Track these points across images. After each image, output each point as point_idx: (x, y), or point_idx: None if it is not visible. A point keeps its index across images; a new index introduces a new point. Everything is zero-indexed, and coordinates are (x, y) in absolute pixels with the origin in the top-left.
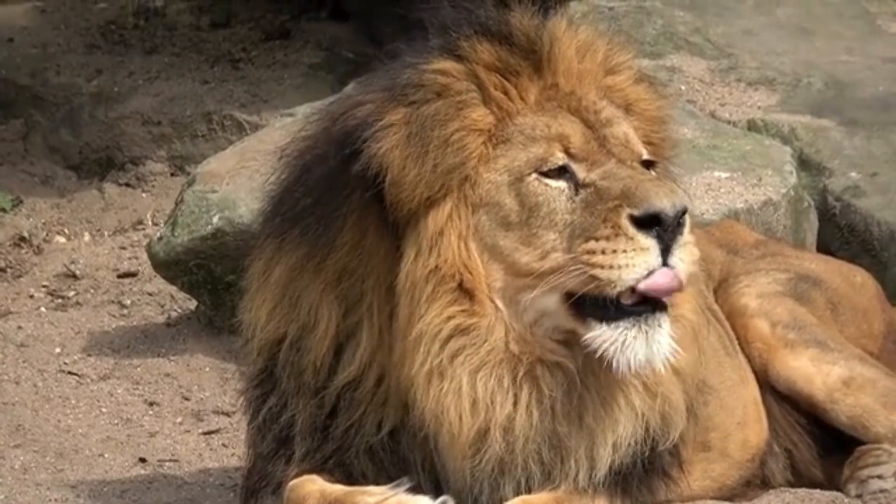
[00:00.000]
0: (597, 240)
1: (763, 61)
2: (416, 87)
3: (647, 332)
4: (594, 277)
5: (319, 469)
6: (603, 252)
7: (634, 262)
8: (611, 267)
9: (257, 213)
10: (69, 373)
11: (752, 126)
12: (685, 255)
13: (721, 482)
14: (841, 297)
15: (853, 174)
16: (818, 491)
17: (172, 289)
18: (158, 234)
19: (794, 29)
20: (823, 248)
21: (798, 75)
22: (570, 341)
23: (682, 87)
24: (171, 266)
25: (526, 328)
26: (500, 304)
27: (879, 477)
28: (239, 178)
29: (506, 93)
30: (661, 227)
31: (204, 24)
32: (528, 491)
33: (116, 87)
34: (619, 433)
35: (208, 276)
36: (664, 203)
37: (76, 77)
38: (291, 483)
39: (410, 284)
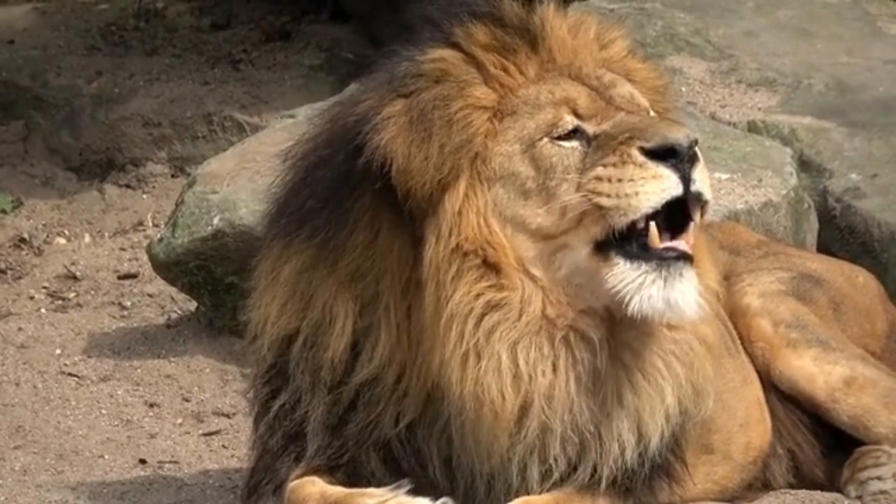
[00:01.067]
0: (604, 167)
1: (763, 63)
2: (414, 76)
3: (666, 278)
4: (598, 206)
5: (330, 466)
6: (609, 180)
7: (646, 189)
8: (617, 195)
9: (261, 214)
10: (69, 374)
11: (752, 127)
12: (704, 179)
13: (723, 485)
14: (843, 296)
15: (853, 175)
16: (818, 493)
17: (173, 290)
18: (159, 236)
19: (795, 30)
20: (824, 249)
21: (798, 77)
22: (599, 311)
23: (683, 89)
24: (171, 267)
25: (561, 290)
26: (535, 272)
27: (879, 478)
28: (239, 179)
29: (505, 70)
30: (677, 158)
31: (204, 26)
32: (555, 478)
33: (117, 89)
34: (668, 402)
35: (209, 277)
36: (677, 135)
37: (76, 79)
38: (292, 484)
39: (434, 269)
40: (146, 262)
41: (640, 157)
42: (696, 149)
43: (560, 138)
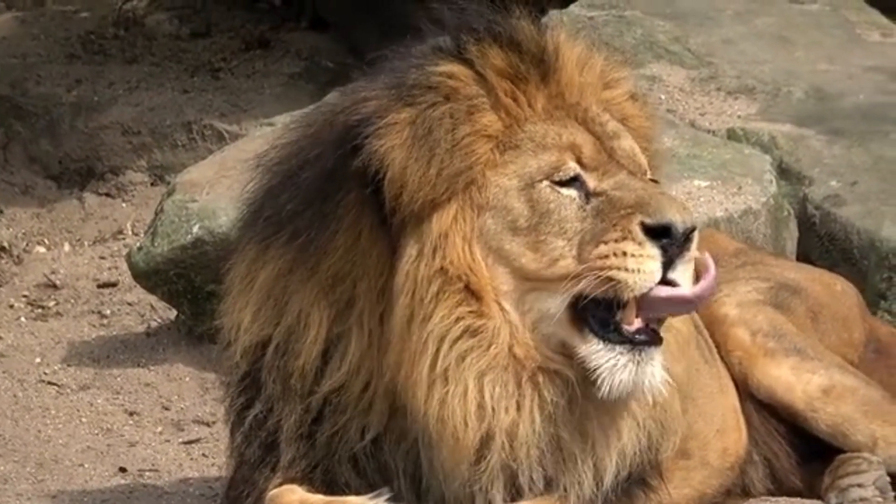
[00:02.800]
0: (606, 243)
1: (743, 70)
2: (424, 88)
3: (639, 363)
4: (611, 279)
5: (305, 477)
6: (615, 254)
7: (644, 268)
8: (626, 269)
9: (235, 219)
10: (49, 383)
11: (731, 135)
12: (687, 272)
13: (701, 490)
14: (821, 305)
15: (833, 183)
16: (799, 500)
17: (152, 298)
18: (138, 244)
19: (774, 38)
20: (803, 257)
21: (778, 84)
22: (567, 352)
23: (662, 97)
24: (150, 276)
25: (528, 332)
26: (506, 306)
27: (860, 486)
28: (219, 187)
29: (515, 99)
30: (669, 240)
31: (184, 34)
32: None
33: (96, 97)
34: (624, 442)
35: (188, 285)
36: (676, 217)
37: (56, 87)
38: (271, 493)
39: (412, 284)
40: (126, 270)
41: (641, 235)
42: (694, 234)
43: (560, 184)
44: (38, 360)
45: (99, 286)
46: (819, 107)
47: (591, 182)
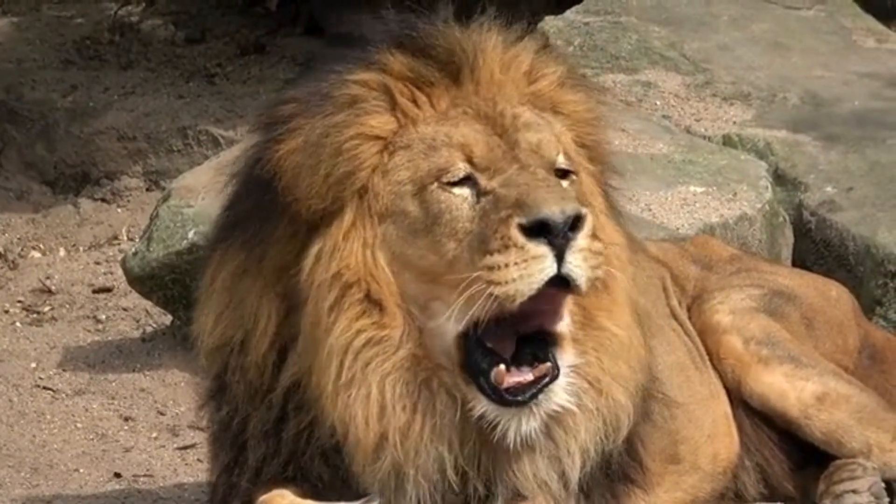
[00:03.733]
0: (491, 254)
1: (738, 76)
2: (329, 97)
3: (529, 416)
4: (492, 296)
5: (280, 477)
6: (499, 267)
7: (529, 272)
8: (506, 282)
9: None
10: (44, 388)
11: (727, 141)
12: (580, 261)
13: (693, 494)
14: (816, 311)
15: (829, 189)
16: None
17: (147, 304)
18: (133, 249)
19: (770, 44)
20: (799, 262)
21: (773, 90)
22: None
23: (658, 103)
24: (146, 281)
25: (433, 338)
26: (414, 310)
27: (854, 491)
28: (214, 192)
29: (414, 100)
30: (551, 234)
31: (179, 40)
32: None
33: (92, 103)
34: (582, 440)
35: (184, 291)
36: (552, 209)
37: (51, 92)
38: (262, 498)
39: (313, 287)
40: (121, 275)
41: (521, 239)
42: (582, 222)
43: (450, 185)
44: (33, 365)
45: (94, 291)
46: (814, 113)
47: (482, 181)
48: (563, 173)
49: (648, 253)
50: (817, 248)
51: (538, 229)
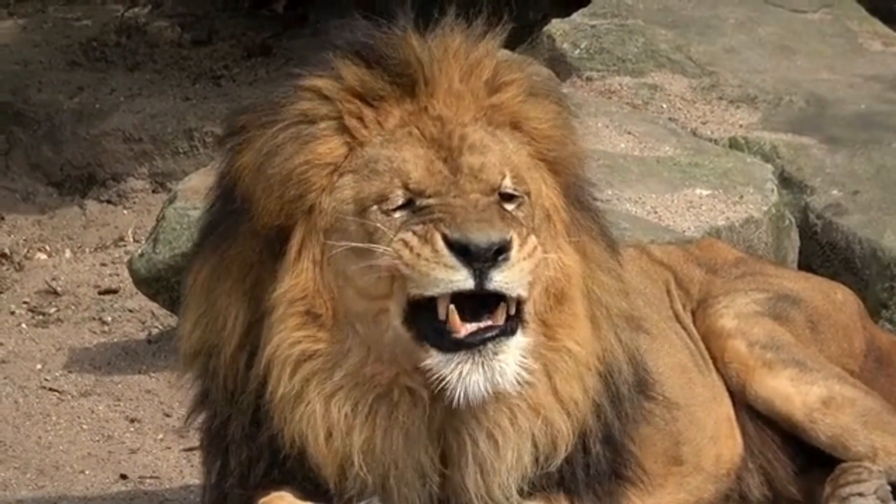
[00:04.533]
0: (413, 233)
1: (745, 79)
2: (281, 106)
3: (481, 364)
4: (397, 269)
5: (267, 481)
6: (411, 249)
7: (436, 275)
8: (413, 267)
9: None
10: (50, 389)
11: (733, 144)
12: (510, 277)
13: (697, 496)
14: (821, 315)
15: (835, 192)
16: None
17: (153, 305)
18: (139, 251)
19: (776, 47)
20: (805, 266)
21: (779, 93)
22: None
23: (664, 105)
24: (152, 283)
25: (386, 348)
26: (360, 328)
27: (860, 495)
28: None
29: (361, 119)
30: (472, 258)
31: (185, 42)
32: None
33: (98, 104)
34: (510, 459)
35: None
36: (478, 236)
37: (58, 94)
38: (262, 501)
39: (272, 303)
40: (127, 277)
41: (440, 243)
42: (509, 252)
43: (390, 211)
44: (39, 366)
45: (100, 293)
46: (820, 116)
47: (420, 202)
48: (508, 197)
49: (652, 256)
50: (823, 252)
51: (460, 250)
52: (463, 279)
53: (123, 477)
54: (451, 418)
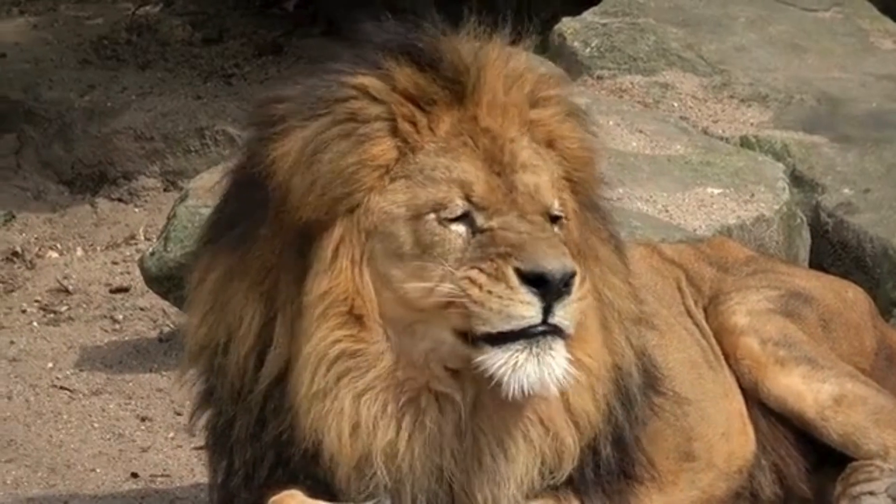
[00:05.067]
0: (480, 271)
1: (756, 78)
2: (329, 101)
3: (538, 355)
4: (466, 307)
5: (271, 481)
6: (480, 287)
7: (509, 311)
8: (482, 305)
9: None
10: (61, 388)
11: (744, 142)
12: (568, 314)
13: (710, 493)
14: (832, 313)
15: (846, 191)
16: None
17: (165, 304)
18: (151, 249)
19: (787, 46)
20: (816, 264)
21: (790, 92)
22: (463, 372)
23: (675, 104)
24: (163, 281)
25: (420, 355)
26: (391, 332)
27: (871, 493)
28: None
29: (414, 124)
30: (545, 288)
31: (196, 40)
32: None
33: (109, 103)
34: (519, 472)
35: None
36: (553, 265)
37: (69, 92)
38: (272, 499)
39: (308, 301)
40: (138, 275)
41: (514, 280)
42: (574, 279)
43: (447, 220)
44: (50, 365)
45: (111, 291)
46: (832, 114)
47: (480, 219)
48: (555, 219)
49: (663, 254)
50: (834, 250)
51: (534, 281)
52: (535, 314)
53: (134, 475)
54: (474, 427)
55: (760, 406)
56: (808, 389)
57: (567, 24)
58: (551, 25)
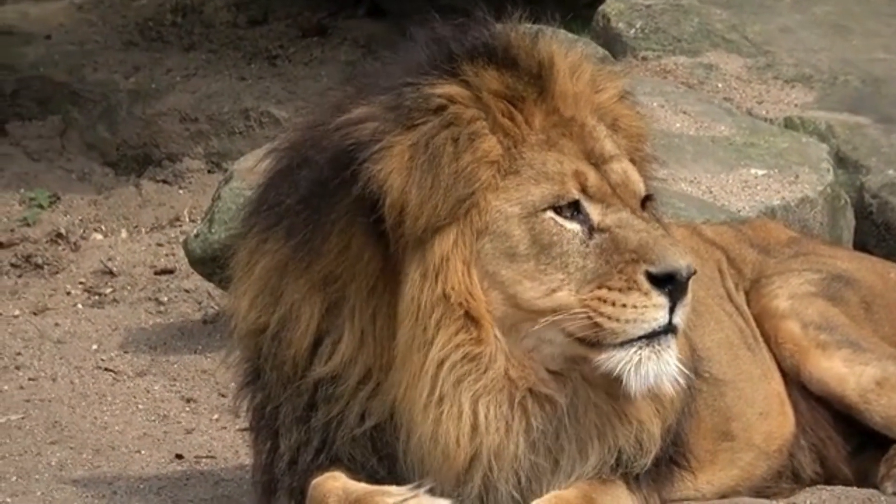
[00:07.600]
0: (609, 289)
1: (800, 59)
2: (423, 111)
3: (659, 352)
4: (598, 325)
5: (314, 465)
6: (613, 304)
7: (644, 318)
8: (617, 320)
9: (246, 202)
10: (106, 369)
11: (789, 124)
12: (684, 315)
13: (750, 472)
14: (875, 295)
15: (890, 172)
16: (854, 489)
17: (209, 286)
18: (195, 231)
19: (831, 26)
20: (860, 245)
21: (835, 73)
22: (565, 373)
23: (720, 85)
24: (207, 263)
25: (525, 354)
26: (497, 332)
27: None
28: None
29: (512, 119)
30: (673, 286)
31: (241, 22)
32: None
33: (154, 84)
34: (586, 471)
35: None
36: (681, 263)
37: (114, 74)
38: (315, 480)
39: (416, 307)
40: (183, 257)
41: (647, 285)
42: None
43: (563, 211)
44: (94, 346)
45: (156, 273)
46: (876, 95)
47: (595, 215)
48: (646, 199)
49: (703, 236)
50: (878, 231)
51: (665, 280)
52: (663, 316)
53: (179, 457)
54: (565, 430)
55: (801, 388)
56: (850, 373)
57: (611, 6)
58: (595, 7)
